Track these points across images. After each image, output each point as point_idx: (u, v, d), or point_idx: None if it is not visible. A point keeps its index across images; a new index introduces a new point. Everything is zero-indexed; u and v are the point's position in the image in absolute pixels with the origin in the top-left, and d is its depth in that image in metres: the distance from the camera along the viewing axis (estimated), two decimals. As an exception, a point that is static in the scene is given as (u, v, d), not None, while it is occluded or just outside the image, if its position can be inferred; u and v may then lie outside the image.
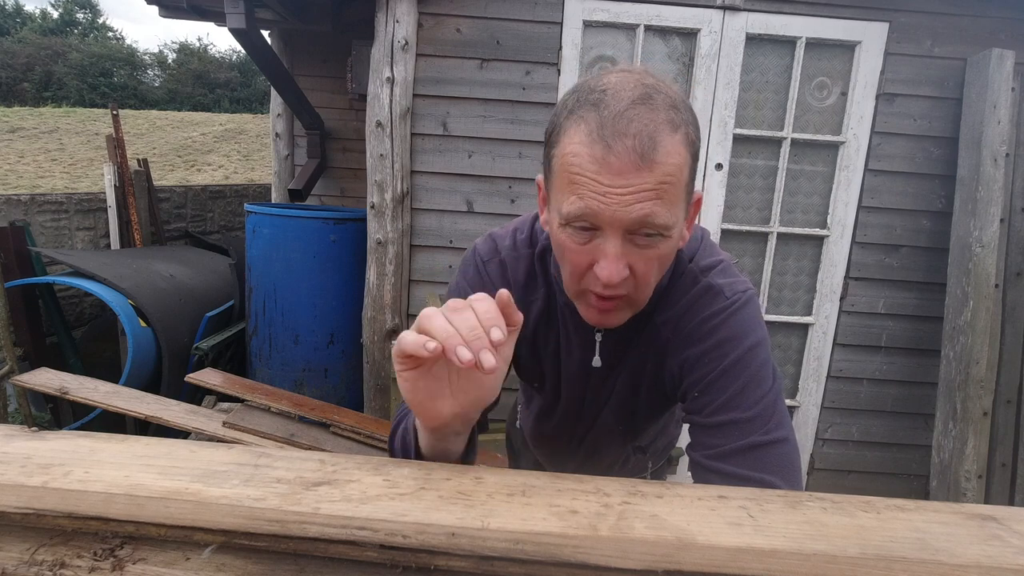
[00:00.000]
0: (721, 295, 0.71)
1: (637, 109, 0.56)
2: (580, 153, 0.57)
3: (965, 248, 2.24)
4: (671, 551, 0.37)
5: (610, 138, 0.56)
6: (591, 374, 0.82)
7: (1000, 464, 2.34)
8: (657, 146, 0.56)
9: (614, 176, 0.56)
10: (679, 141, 0.57)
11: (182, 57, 21.59)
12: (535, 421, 1.01)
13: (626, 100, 0.57)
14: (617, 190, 0.56)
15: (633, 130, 0.55)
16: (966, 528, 0.41)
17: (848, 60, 2.30)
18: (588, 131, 0.57)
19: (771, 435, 0.65)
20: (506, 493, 0.43)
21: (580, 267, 0.63)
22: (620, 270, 0.60)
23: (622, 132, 0.55)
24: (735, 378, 0.67)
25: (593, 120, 0.57)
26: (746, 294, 0.71)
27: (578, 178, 0.58)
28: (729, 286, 0.72)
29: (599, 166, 0.56)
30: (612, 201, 0.56)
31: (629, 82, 0.59)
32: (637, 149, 0.55)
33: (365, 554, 0.38)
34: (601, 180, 0.56)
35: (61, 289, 3.45)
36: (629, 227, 0.58)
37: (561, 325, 0.80)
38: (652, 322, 0.75)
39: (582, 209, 0.58)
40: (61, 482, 0.40)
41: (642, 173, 0.56)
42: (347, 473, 0.45)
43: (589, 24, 2.27)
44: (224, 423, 2.05)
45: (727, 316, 0.70)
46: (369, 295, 2.41)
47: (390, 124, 2.27)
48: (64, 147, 8.24)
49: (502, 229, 0.85)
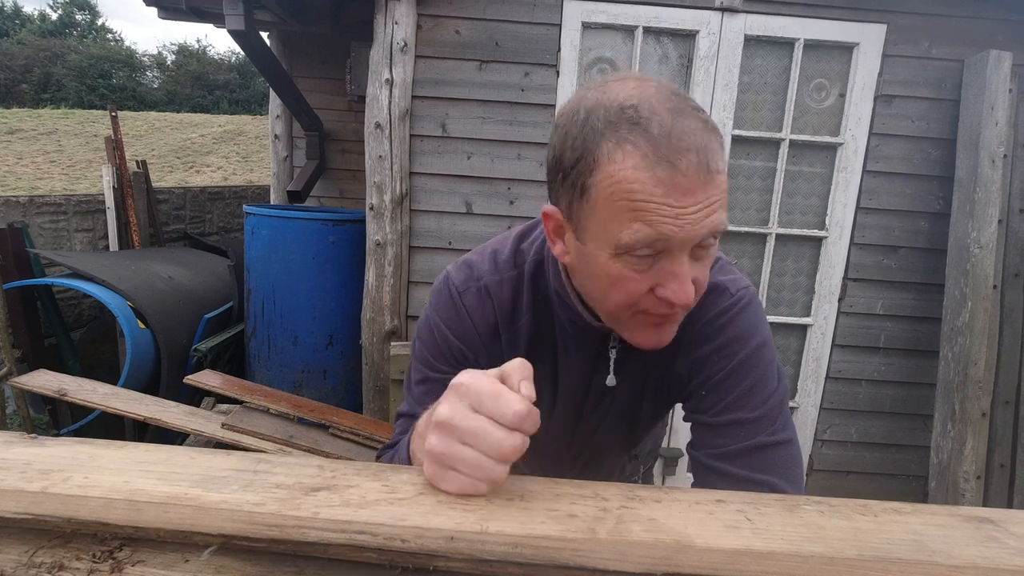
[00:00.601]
0: (726, 293, 0.70)
1: (683, 121, 0.53)
2: (638, 178, 0.52)
3: (963, 249, 2.25)
4: (669, 554, 0.38)
5: (673, 157, 0.52)
6: (590, 390, 0.79)
7: (999, 465, 2.34)
8: (714, 155, 0.54)
9: (684, 196, 0.53)
10: (720, 143, 0.56)
11: (181, 59, 21.61)
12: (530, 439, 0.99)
13: (666, 113, 0.53)
14: (690, 210, 0.53)
15: (692, 144, 0.53)
16: (962, 530, 0.41)
17: (846, 62, 2.31)
18: (642, 153, 0.52)
19: (776, 436, 0.65)
20: (504, 498, 0.43)
21: (638, 294, 0.58)
22: (691, 288, 0.57)
23: (683, 148, 0.52)
24: (743, 378, 0.67)
25: (642, 141, 0.53)
26: (748, 291, 0.71)
27: (643, 204, 0.53)
28: (732, 283, 0.71)
29: (666, 188, 0.52)
30: (686, 222, 0.53)
31: (650, 91, 0.56)
32: (702, 164, 0.52)
33: (364, 555, 0.39)
34: (671, 203, 0.53)
35: (60, 291, 3.45)
36: (702, 241, 0.56)
37: (560, 344, 0.77)
38: None
39: (653, 236, 0.54)
40: (61, 487, 0.40)
41: (708, 187, 0.53)
42: (346, 479, 0.45)
43: (588, 26, 2.27)
44: (223, 425, 2.05)
45: (734, 315, 0.69)
46: (368, 296, 2.41)
47: (389, 125, 2.27)
48: (63, 149, 8.24)
49: (474, 254, 0.79)
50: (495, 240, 0.81)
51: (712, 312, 0.70)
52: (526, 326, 0.75)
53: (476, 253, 0.79)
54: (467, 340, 0.74)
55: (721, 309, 0.69)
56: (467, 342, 0.74)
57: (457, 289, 0.75)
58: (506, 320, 0.75)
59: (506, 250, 0.77)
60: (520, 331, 0.76)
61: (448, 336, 0.74)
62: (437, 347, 0.74)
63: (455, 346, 0.74)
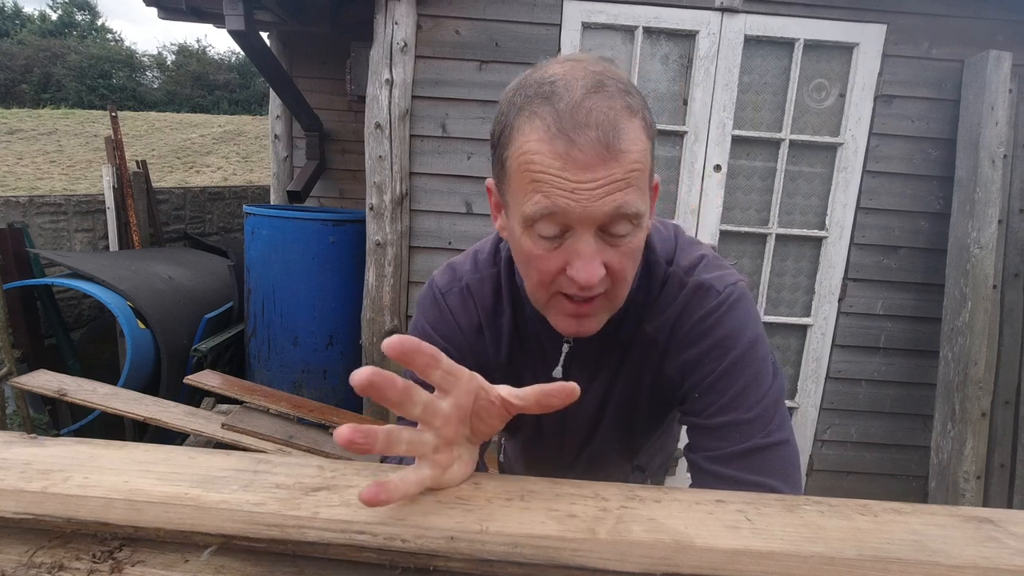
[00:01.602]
0: (713, 291, 0.68)
1: (593, 98, 0.53)
2: (540, 151, 0.54)
3: (963, 249, 2.25)
4: (669, 554, 0.38)
5: (571, 131, 0.52)
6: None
7: (999, 465, 2.34)
8: (621, 134, 0.53)
9: (581, 171, 0.53)
10: (639, 126, 0.55)
11: (181, 59, 21.62)
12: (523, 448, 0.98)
13: (580, 90, 0.53)
14: (586, 185, 0.53)
15: (594, 120, 0.52)
16: (963, 530, 0.41)
17: (846, 62, 2.31)
18: (545, 126, 0.53)
19: (772, 437, 0.64)
20: (504, 498, 0.43)
21: (549, 273, 0.59)
22: (597, 269, 0.56)
23: (583, 123, 0.52)
24: (736, 378, 0.65)
25: (548, 114, 0.53)
26: (737, 287, 0.69)
27: (541, 176, 0.54)
28: (719, 280, 0.69)
29: (563, 162, 0.53)
30: (582, 197, 0.53)
31: (578, 71, 0.56)
32: (602, 140, 0.52)
33: (364, 555, 0.39)
34: (567, 176, 0.53)
35: (60, 291, 3.45)
36: (602, 222, 0.55)
37: (534, 339, 0.77)
38: (643, 331, 0.73)
39: (549, 207, 0.54)
40: (60, 487, 0.40)
41: (610, 164, 0.53)
42: (346, 479, 0.45)
43: (588, 26, 2.27)
44: (223, 425, 2.05)
45: (722, 313, 0.67)
46: (368, 296, 2.41)
47: (389, 126, 2.27)
48: (63, 149, 8.24)
49: (460, 256, 0.81)
50: (479, 242, 0.82)
51: (699, 313, 0.68)
52: (507, 322, 0.76)
53: (461, 256, 0.81)
54: (452, 339, 0.76)
55: (708, 310, 0.68)
56: (452, 341, 0.76)
57: (440, 291, 0.77)
58: (488, 317, 0.76)
59: (486, 249, 0.79)
60: (502, 327, 0.77)
61: (433, 336, 0.76)
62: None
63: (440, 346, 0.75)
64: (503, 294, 0.76)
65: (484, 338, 0.77)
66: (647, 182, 0.58)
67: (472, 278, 0.77)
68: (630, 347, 0.74)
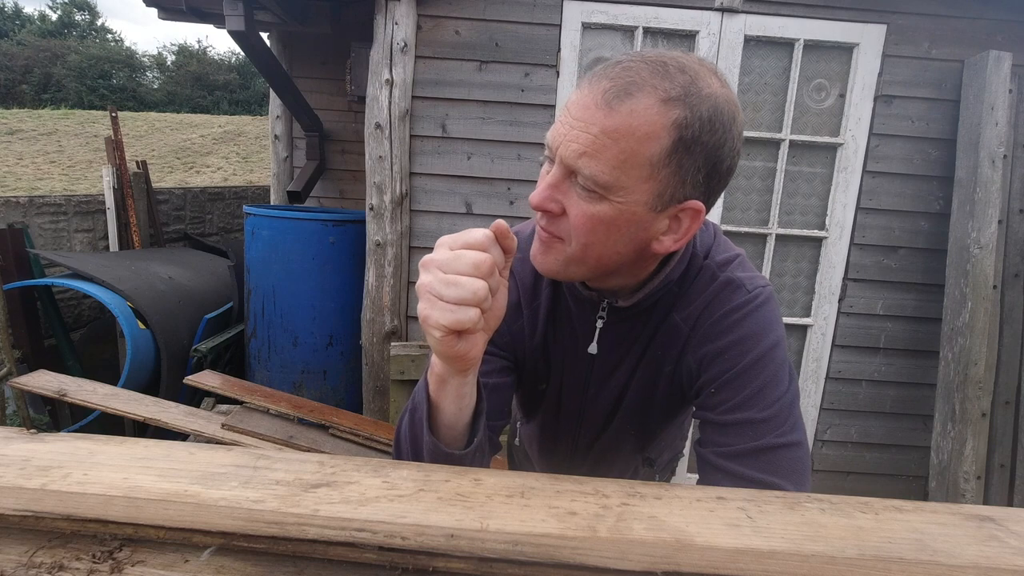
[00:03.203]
0: (742, 289, 0.69)
1: (638, 65, 0.55)
2: (573, 95, 0.59)
3: (963, 249, 2.25)
4: (670, 552, 0.37)
5: (597, 80, 0.56)
6: (593, 369, 0.80)
7: (999, 465, 2.34)
8: (625, 99, 0.54)
9: (579, 110, 0.56)
10: (660, 112, 0.54)
11: (181, 59, 21.62)
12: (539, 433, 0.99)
13: (639, 58, 0.57)
14: (575, 124, 0.56)
15: (615, 75, 0.55)
16: (964, 529, 0.41)
17: (846, 62, 2.31)
18: (587, 78, 0.58)
19: (785, 438, 0.64)
20: (505, 495, 0.43)
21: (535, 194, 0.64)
22: (545, 194, 0.60)
23: (606, 76, 0.56)
24: (753, 377, 0.66)
25: (600, 69, 0.58)
26: (766, 290, 0.70)
27: (563, 112, 0.59)
28: (750, 280, 0.70)
29: (576, 98, 0.57)
30: (565, 132, 0.57)
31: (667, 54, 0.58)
32: (607, 91, 0.55)
33: (364, 556, 0.38)
34: (571, 111, 0.57)
35: (59, 291, 3.45)
36: (568, 163, 0.58)
37: (567, 321, 0.79)
38: (671, 319, 0.73)
39: (550, 135, 0.60)
40: (60, 484, 0.40)
41: (597, 114, 0.55)
42: (346, 475, 0.45)
43: (588, 26, 2.27)
44: (223, 425, 2.04)
45: (748, 312, 0.68)
46: (368, 297, 2.41)
47: (389, 126, 2.27)
48: (63, 149, 8.24)
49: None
50: (523, 223, 0.84)
51: (726, 307, 0.69)
52: (544, 302, 0.79)
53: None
54: None
55: (735, 305, 0.69)
56: None
57: None
58: (528, 297, 0.79)
59: (527, 230, 0.80)
60: (539, 308, 0.79)
61: None
62: None
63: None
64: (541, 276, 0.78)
65: (523, 317, 0.80)
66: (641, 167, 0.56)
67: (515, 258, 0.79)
68: (657, 333, 0.75)
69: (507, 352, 0.79)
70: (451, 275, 0.50)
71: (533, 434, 1.02)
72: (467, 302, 0.50)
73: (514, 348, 0.80)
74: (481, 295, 0.50)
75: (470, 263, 0.50)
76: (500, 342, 0.78)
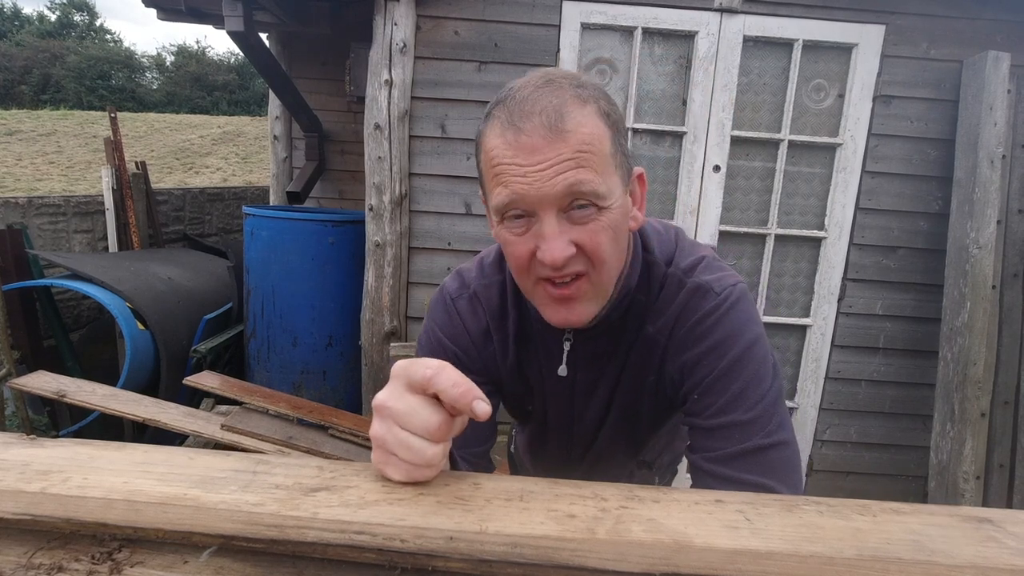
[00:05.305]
0: (711, 293, 0.69)
1: (541, 91, 0.58)
2: (496, 145, 0.59)
3: (962, 250, 2.25)
4: (668, 554, 0.38)
5: (519, 121, 0.57)
6: (574, 389, 0.80)
7: (998, 465, 2.34)
8: (565, 117, 0.56)
9: (529, 154, 0.57)
10: (590, 112, 0.58)
11: (180, 60, 21.63)
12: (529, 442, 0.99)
13: (530, 87, 0.59)
14: (536, 167, 0.56)
15: (539, 108, 0.57)
16: (962, 530, 0.41)
17: (845, 62, 2.31)
18: (500, 124, 0.59)
19: (772, 438, 0.64)
20: (504, 498, 0.43)
21: (523, 258, 0.62)
22: (562, 246, 0.59)
23: (528, 112, 0.57)
24: (734, 379, 0.66)
25: (502, 112, 0.59)
26: (736, 288, 0.69)
27: (498, 168, 0.59)
28: (717, 282, 0.70)
29: (514, 150, 0.57)
30: (534, 179, 0.57)
31: (536, 76, 0.61)
32: (545, 123, 0.56)
33: (363, 555, 0.39)
34: (519, 162, 0.57)
35: (59, 292, 3.44)
36: (559, 202, 0.58)
37: (539, 341, 0.78)
38: (645, 331, 0.73)
39: (509, 196, 0.58)
40: (60, 488, 0.40)
41: (556, 145, 0.56)
42: (345, 479, 0.45)
43: (587, 27, 2.28)
44: (222, 426, 2.04)
45: (721, 315, 0.68)
46: (367, 297, 2.41)
47: (388, 126, 2.27)
48: (62, 150, 8.24)
49: (468, 263, 0.84)
50: (486, 249, 0.85)
51: (698, 313, 0.69)
52: (512, 325, 0.78)
53: (468, 263, 0.85)
54: (460, 343, 0.78)
55: (707, 311, 0.68)
56: (460, 344, 0.78)
57: (451, 296, 0.80)
58: (496, 322, 0.79)
59: (492, 255, 0.82)
60: (508, 330, 0.79)
61: (443, 340, 0.78)
62: (433, 351, 0.78)
63: (450, 349, 0.78)
64: (508, 298, 0.78)
65: (492, 341, 0.79)
66: (609, 165, 0.60)
67: (479, 284, 0.79)
68: (633, 347, 0.75)
69: (484, 376, 0.79)
70: (404, 434, 0.44)
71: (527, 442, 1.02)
72: (421, 466, 0.44)
73: (489, 372, 0.80)
74: (435, 461, 0.45)
75: (423, 426, 0.44)
76: (475, 367, 0.78)
